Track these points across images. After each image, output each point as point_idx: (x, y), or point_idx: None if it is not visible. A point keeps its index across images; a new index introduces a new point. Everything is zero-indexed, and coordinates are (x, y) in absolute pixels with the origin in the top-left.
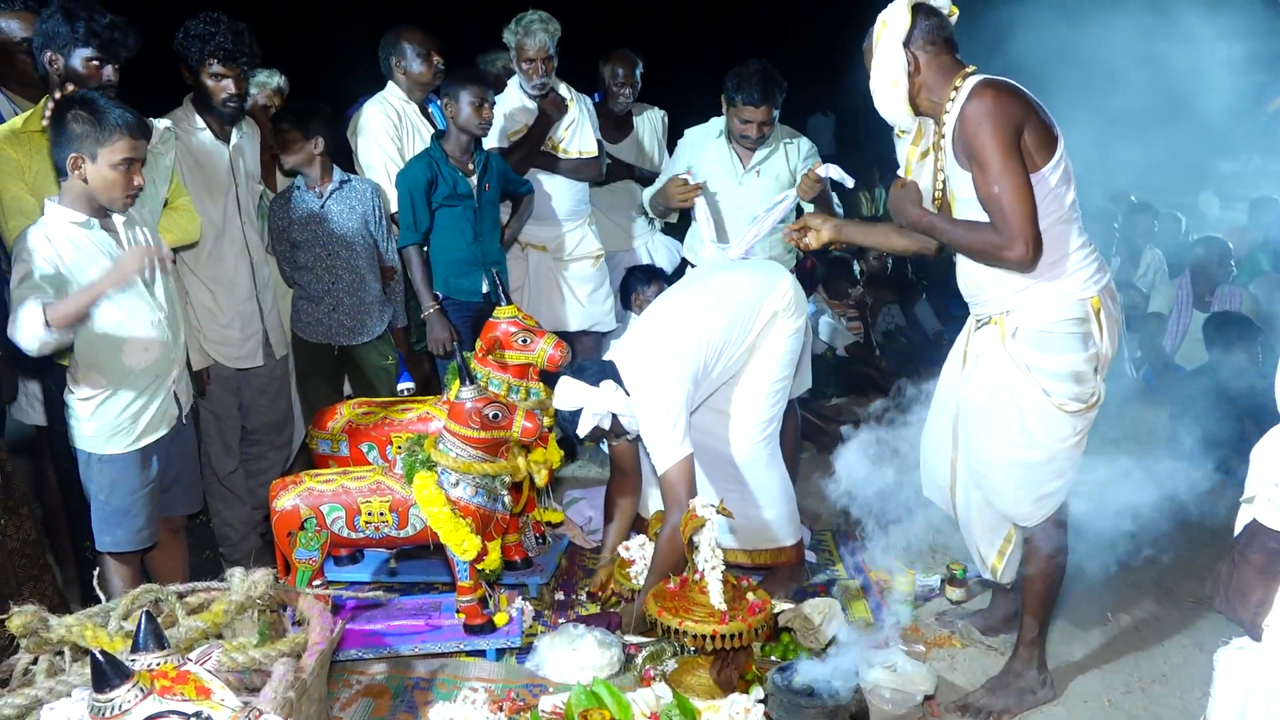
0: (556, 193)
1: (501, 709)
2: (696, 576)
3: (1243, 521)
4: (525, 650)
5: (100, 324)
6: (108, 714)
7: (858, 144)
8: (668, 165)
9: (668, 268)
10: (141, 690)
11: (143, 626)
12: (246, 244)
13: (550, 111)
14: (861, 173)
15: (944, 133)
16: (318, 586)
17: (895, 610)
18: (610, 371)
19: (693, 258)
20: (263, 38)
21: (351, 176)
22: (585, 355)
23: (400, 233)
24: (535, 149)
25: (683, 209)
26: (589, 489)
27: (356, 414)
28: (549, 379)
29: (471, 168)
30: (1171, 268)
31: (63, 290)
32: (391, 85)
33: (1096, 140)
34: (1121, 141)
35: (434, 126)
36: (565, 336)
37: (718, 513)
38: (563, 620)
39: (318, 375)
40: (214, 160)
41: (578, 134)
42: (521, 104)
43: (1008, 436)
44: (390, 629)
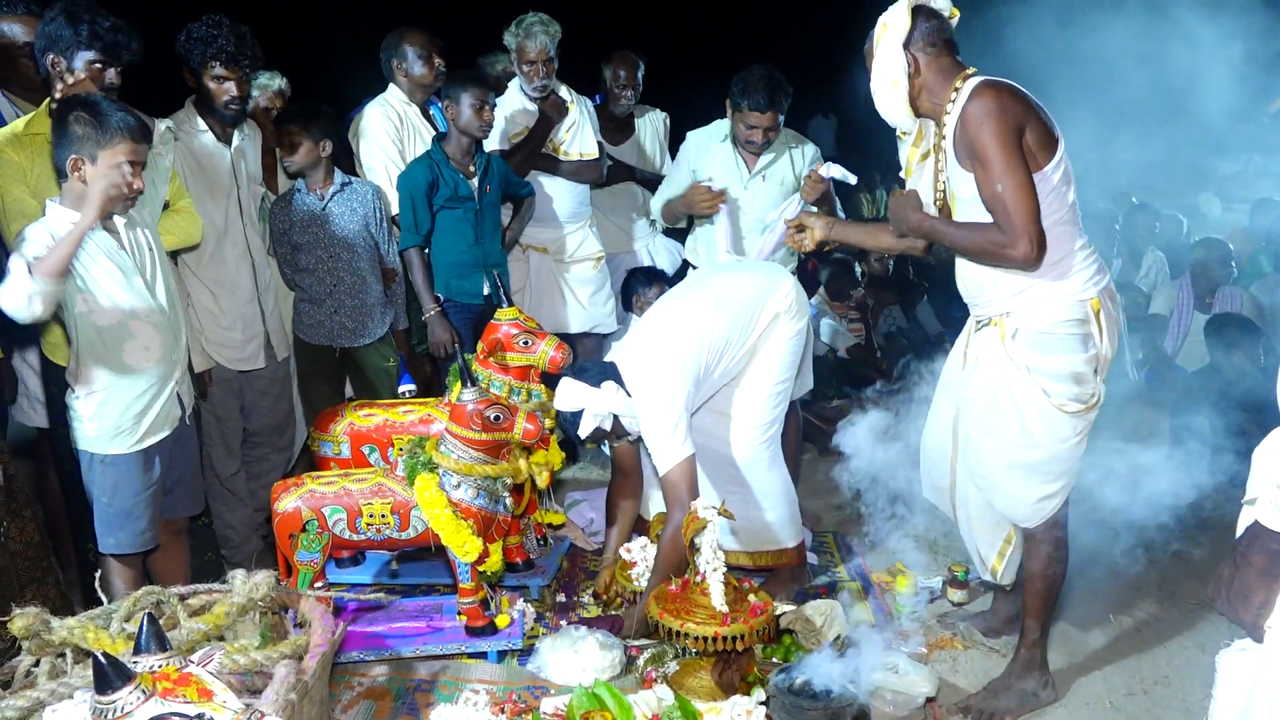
0: (557, 195)
1: (503, 711)
2: (698, 578)
3: (1244, 523)
4: (527, 652)
5: (100, 320)
6: (110, 716)
7: (859, 146)
8: (671, 168)
9: (669, 270)
10: (143, 692)
11: (145, 628)
12: (248, 246)
13: (551, 113)
14: (863, 174)
15: (944, 134)
16: (319, 588)
17: (897, 612)
18: (611, 373)
19: (694, 259)
20: (264, 40)
21: (352, 179)
22: (586, 357)
23: (401, 235)
24: (536, 151)
25: (706, 215)
26: (590, 491)
27: (358, 416)
28: (550, 381)
29: (472, 170)
30: (1173, 269)
31: (64, 284)
32: (393, 87)
33: (1098, 141)
34: (1123, 142)
35: (435, 129)
36: (566, 338)
37: (719, 515)
38: (564, 622)
39: (319, 377)
40: (216, 162)
41: (578, 136)
42: (522, 106)
43: (1008, 437)
44: (392, 631)
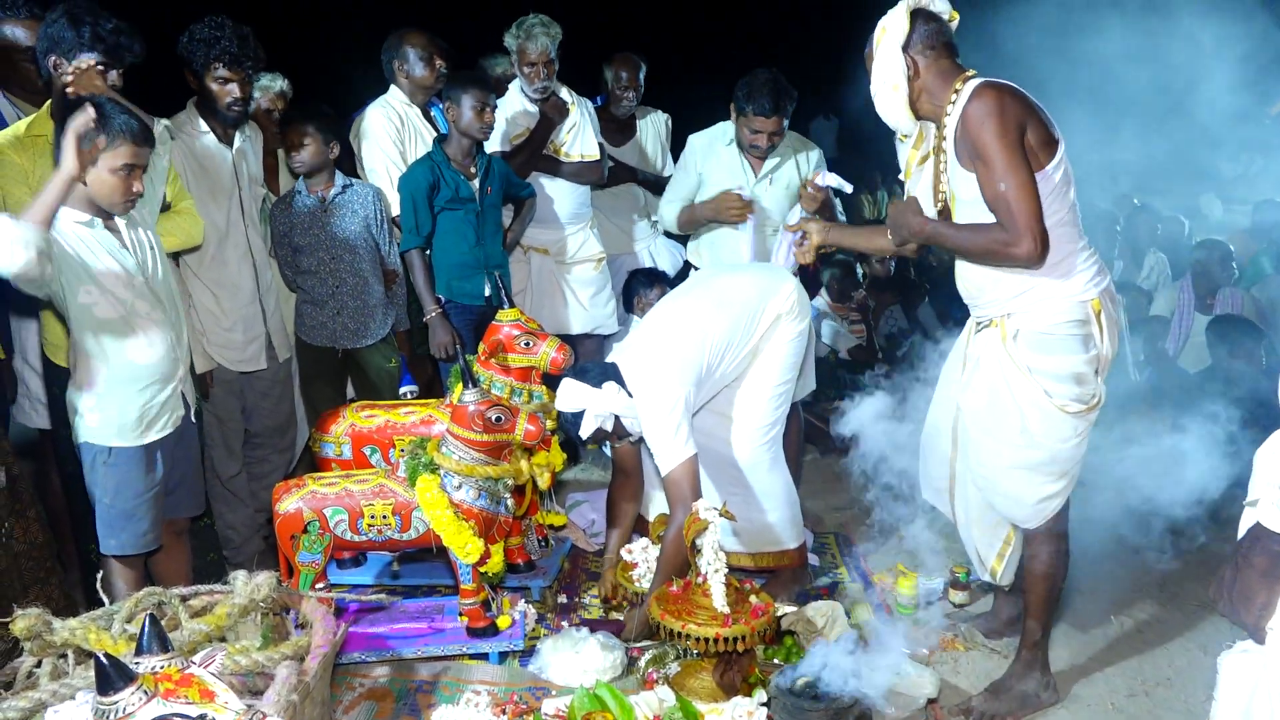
0: (558, 196)
1: (504, 712)
2: (699, 579)
3: (1246, 525)
4: (528, 653)
5: (102, 314)
6: (112, 717)
7: (860, 148)
8: (674, 172)
9: (670, 271)
10: (145, 693)
11: (146, 629)
12: (250, 247)
13: (552, 115)
14: (864, 175)
15: (945, 135)
16: (321, 589)
17: (899, 614)
18: (613, 373)
19: (695, 260)
20: (265, 41)
21: (353, 180)
22: (588, 359)
23: (402, 236)
24: (537, 152)
25: (735, 223)
26: (591, 492)
27: (359, 417)
28: (552, 382)
29: (473, 171)
30: (1174, 270)
31: (63, 274)
32: (394, 89)
33: (1099, 142)
34: (1124, 144)
35: (436, 130)
36: (568, 340)
37: (721, 516)
38: (565, 623)
39: (321, 378)
40: (217, 164)
41: (579, 137)
42: (523, 108)
43: (1009, 438)
44: (393, 632)
